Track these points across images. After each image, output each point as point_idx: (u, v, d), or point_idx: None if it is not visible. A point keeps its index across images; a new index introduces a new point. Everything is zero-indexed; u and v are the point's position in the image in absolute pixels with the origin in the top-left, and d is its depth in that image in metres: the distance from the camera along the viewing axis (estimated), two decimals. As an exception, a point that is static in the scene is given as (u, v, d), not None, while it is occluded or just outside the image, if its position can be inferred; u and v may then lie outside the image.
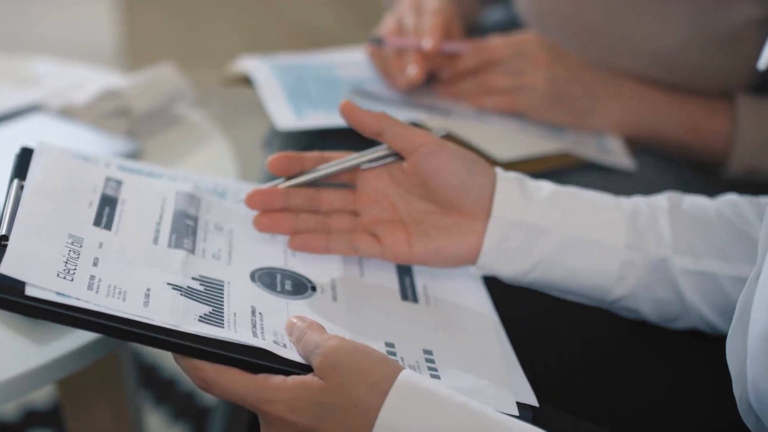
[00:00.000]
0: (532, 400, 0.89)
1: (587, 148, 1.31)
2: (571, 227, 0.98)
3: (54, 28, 3.48)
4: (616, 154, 1.32)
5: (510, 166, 1.23)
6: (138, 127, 1.37)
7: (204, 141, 1.40)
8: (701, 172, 1.36)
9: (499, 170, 0.99)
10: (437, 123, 1.26)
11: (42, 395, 1.91)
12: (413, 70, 1.29)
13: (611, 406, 1.00)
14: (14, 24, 3.50)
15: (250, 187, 1.01)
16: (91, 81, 1.47)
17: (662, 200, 1.00)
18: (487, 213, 0.97)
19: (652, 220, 0.99)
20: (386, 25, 1.36)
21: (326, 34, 1.40)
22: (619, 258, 0.98)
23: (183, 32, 3.01)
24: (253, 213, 1.01)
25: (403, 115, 1.28)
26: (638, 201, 1.01)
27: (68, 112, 1.37)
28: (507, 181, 0.98)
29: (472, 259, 0.98)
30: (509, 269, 0.99)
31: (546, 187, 0.99)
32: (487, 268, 0.99)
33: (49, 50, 2.65)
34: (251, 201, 0.98)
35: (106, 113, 1.36)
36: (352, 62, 1.40)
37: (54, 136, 1.31)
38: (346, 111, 0.97)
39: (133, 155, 1.29)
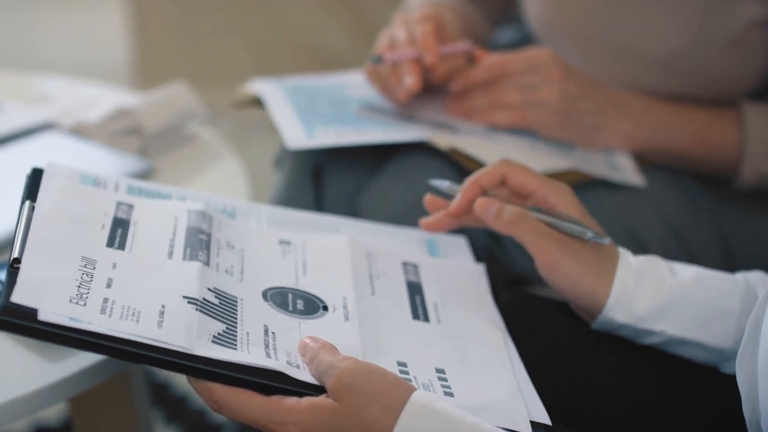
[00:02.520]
0: (544, 418, 0.89)
1: (597, 166, 1.30)
2: (678, 331, 0.99)
3: (66, 47, 3.49)
4: (626, 171, 1.31)
5: None
6: (150, 145, 1.38)
7: (215, 160, 1.41)
8: (708, 183, 1.35)
9: (620, 267, 0.99)
10: (445, 140, 1.27)
11: (53, 412, 1.92)
12: (410, 80, 1.28)
13: (619, 428, 1.00)
14: (26, 43, 3.52)
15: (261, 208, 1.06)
16: (103, 100, 1.48)
17: None
18: (599, 309, 0.99)
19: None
20: (379, 44, 1.36)
21: (338, 55, 1.41)
22: (726, 355, 0.99)
23: (195, 51, 3.02)
24: (264, 232, 1.03)
25: (411, 131, 1.29)
26: (756, 287, 1.00)
27: (80, 131, 1.38)
28: (622, 287, 0.99)
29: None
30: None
31: (664, 281, 0.99)
32: None
33: (61, 69, 2.66)
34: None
35: (119, 132, 1.37)
36: (362, 83, 1.41)
37: (66, 154, 1.32)
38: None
39: (145, 174, 1.29)
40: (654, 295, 0.99)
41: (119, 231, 0.96)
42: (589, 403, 1.00)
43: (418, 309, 1.00)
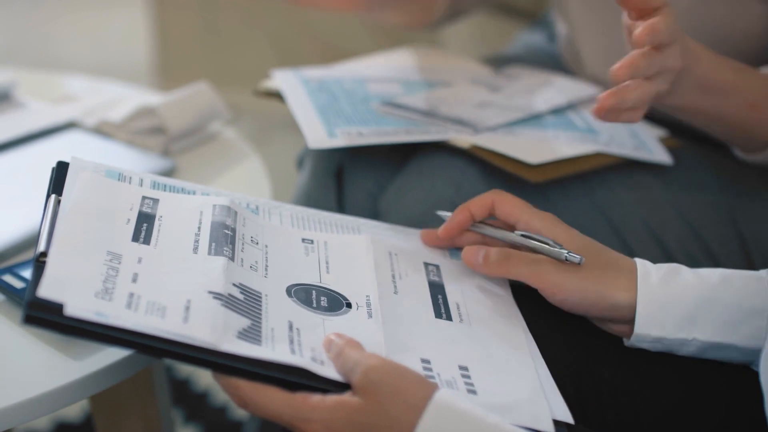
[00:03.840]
0: (567, 417, 0.90)
1: (623, 147, 1.30)
2: (711, 336, 0.99)
3: (89, 47, 3.51)
4: (653, 151, 1.31)
5: (543, 168, 1.24)
6: (172, 145, 1.38)
7: (238, 159, 1.41)
8: (728, 172, 1.34)
9: (639, 286, 0.99)
10: (466, 138, 1.27)
11: (74, 408, 1.93)
12: None
13: (639, 426, 1.00)
14: (49, 43, 3.54)
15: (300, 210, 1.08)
16: (126, 99, 1.48)
17: None
18: (626, 319, 0.99)
19: None
20: None
21: (360, 54, 1.42)
22: (758, 356, 0.99)
23: (217, 51, 3.03)
24: (286, 230, 1.04)
25: (432, 130, 1.29)
26: None
27: (103, 130, 1.39)
28: (646, 302, 0.98)
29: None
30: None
31: (689, 294, 0.99)
32: None
33: (83, 69, 2.67)
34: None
35: (141, 131, 1.37)
36: (383, 77, 1.41)
37: (89, 153, 1.32)
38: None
39: (167, 173, 1.30)
40: (682, 300, 0.98)
41: (145, 225, 0.96)
42: (606, 403, 1.00)
43: (441, 308, 1.00)
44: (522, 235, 1.02)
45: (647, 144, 1.32)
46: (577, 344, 1.03)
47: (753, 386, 0.97)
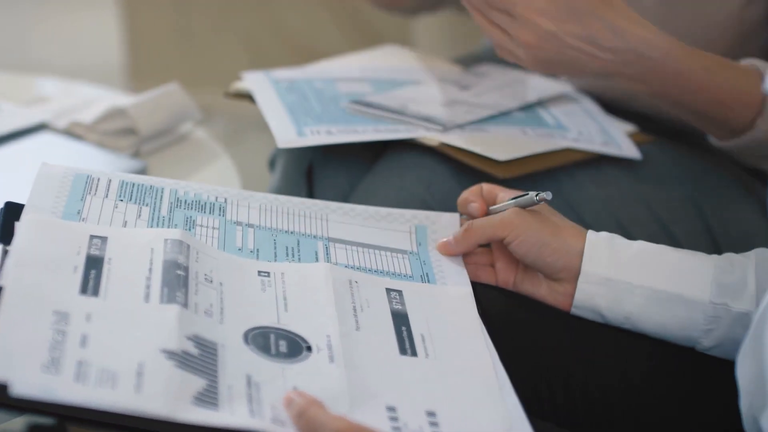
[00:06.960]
0: None
1: (592, 143, 1.31)
2: (657, 283, 1.01)
3: (60, 49, 3.50)
4: (622, 146, 1.32)
5: (512, 164, 1.25)
6: (144, 146, 1.38)
7: (209, 159, 1.41)
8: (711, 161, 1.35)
9: (589, 232, 1.04)
10: (434, 137, 1.27)
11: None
12: None
13: (630, 426, 1.00)
14: (21, 44, 3.53)
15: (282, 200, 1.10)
16: (97, 100, 1.48)
17: (751, 255, 1.02)
18: (577, 272, 1.03)
19: (740, 274, 1.00)
20: None
21: (333, 56, 1.43)
22: (704, 312, 1.00)
23: (189, 53, 3.02)
24: (242, 262, 1.01)
25: (401, 128, 1.29)
26: (730, 256, 1.02)
27: (74, 131, 1.39)
28: (595, 242, 1.03)
29: (565, 309, 1.05)
30: (601, 320, 1.04)
31: (635, 244, 1.04)
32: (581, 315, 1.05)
33: (55, 71, 2.66)
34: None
35: (112, 132, 1.37)
36: (352, 77, 1.41)
37: (59, 155, 1.33)
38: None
39: (138, 174, 1.30)
40: (630, 246, 1.03)
41: (93, 273, 0.92)
42: (595, 403, 1.00)
43: (405, 342, 0.97)
44: (511, 200, 1.08)
45: (616, 139, 1.33)
46: (565, 347, 1.03)
47: (722, 381, 0.97)
